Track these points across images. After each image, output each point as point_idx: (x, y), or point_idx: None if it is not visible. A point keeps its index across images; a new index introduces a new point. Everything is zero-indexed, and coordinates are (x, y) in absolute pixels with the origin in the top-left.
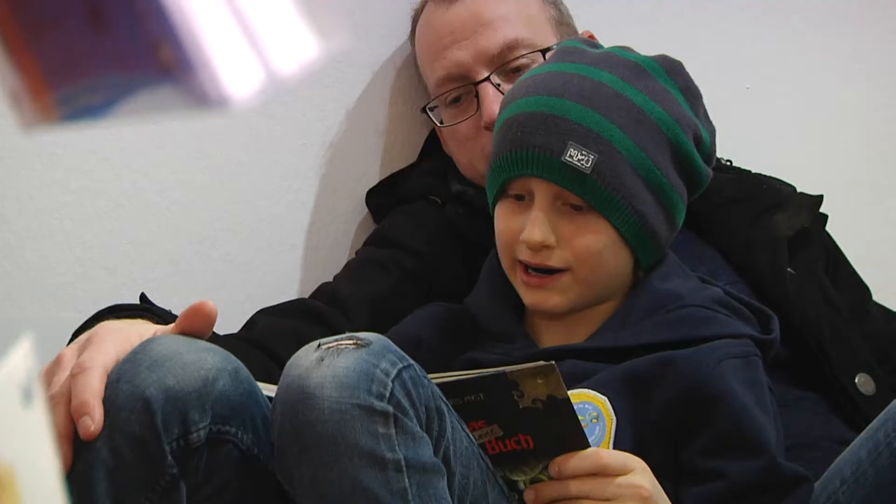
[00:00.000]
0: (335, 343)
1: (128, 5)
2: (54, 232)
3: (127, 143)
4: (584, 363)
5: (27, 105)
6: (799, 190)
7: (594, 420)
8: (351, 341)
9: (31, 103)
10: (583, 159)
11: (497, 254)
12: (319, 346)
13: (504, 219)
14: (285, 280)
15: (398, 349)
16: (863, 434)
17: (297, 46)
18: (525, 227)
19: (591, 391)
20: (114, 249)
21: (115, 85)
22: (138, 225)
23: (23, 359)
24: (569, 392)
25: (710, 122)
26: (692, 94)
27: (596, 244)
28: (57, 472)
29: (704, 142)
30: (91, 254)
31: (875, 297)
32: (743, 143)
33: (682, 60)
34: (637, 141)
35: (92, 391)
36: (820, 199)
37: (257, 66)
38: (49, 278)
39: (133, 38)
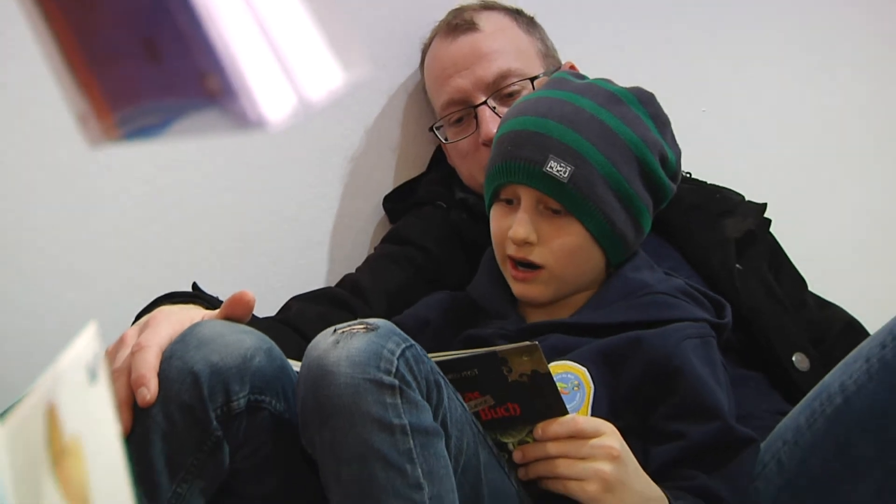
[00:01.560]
0: (349, 328)
1: (178, 39)
2: (121, 232)
3: (181, 158)
4: (567, 338)
5: (93, 125)
6: (747, 198)
7: (575, 388)
8: (362, 326)
9: (97, 124)
10: (561, 170)
11: (493, 249)
12: (335, 330)
13: (497, 219)
14: (314, 272)
15: (402, 332)
16: (801, 403)
17: (323, 75)
18: (513, 227)
19: (573, 363)
20: (170, 246)
21: (168, 108)
22: (192, 226)
23: (89, 342)
24: (553, 363)
25: (676, 145)
26: (661, 121)
27: (570, 243)
28: (118, 442)
29: (670, 161)
30: (151, 250)
31: (811, 288)
32: (700, 158)
33: (653, 91)
34: (608, 157)
35: (148, 366)
36: (764, 206)
37: (290, 92)
38: (116, 270)
39: (182, 67)
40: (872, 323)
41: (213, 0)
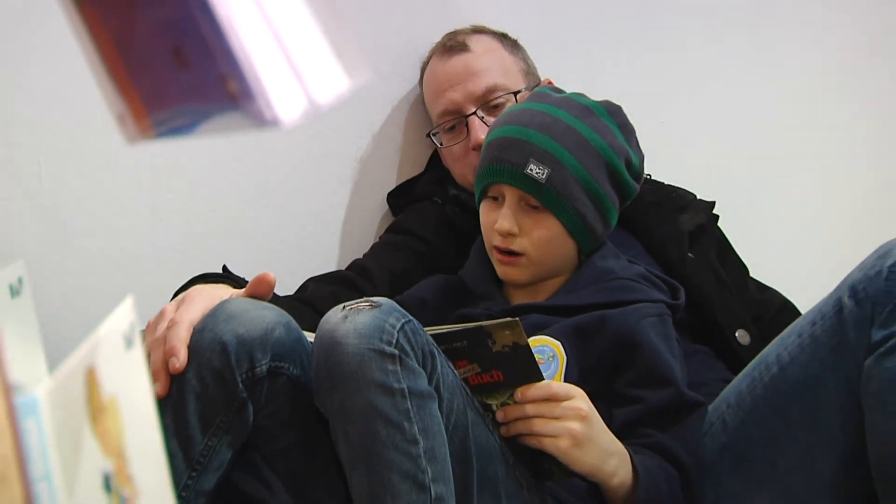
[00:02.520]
0: (356, 305)
1: (203, 48)
2: (162, 220)
3: (211, 157)
4: (544, 317)
5: (130, 125)
6: (698, 197)
7: (551, 358)
8: (367, 304)
9: (134, 124)
10: (540, 172)
11: (482, 240)
12: (344, 307)
13: (485, 214)
14: (327, 257)
15: (402, 309)
16: (743, 372)
17: (330, 81)
18: (498, 221)
19: (549, 337)
20: (204, 234)
21: (195, 111)
22: (222, 216)
23: (125, 313)
24: (531, 338)
25: (640, 150)
26: (627, 130)
27: (547, 234)
28: (151, 401)
29: (634, 165)
30: (185, 236)
31: (752, 274)
32: (658, 162)
33: (620, 104)
34: (581, 161)
35: (180, 339)
36: (713, 203)
37: (301, 95)
38: (154, 254)
39: (207, 74)
40: (804, 304)
41: (234, 12)
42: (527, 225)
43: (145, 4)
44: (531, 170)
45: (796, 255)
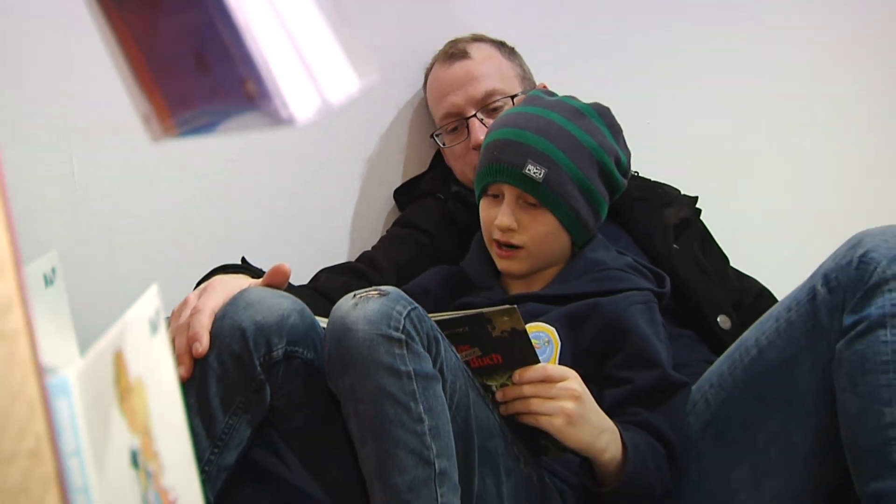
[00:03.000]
0: (365, 293)
1: (223, 52)
2: (185, 215)
3: (233, 157)
4: (540, 305)
5: (155, 125)
6: (682, 192)
7: (546, 343)
8: (376, 292)
9: (159, 124)
10: (537, 172)
11: (482, 233)
12: (355, 295)
13: (485, 210)
14: (338, 249)
15: (408, 297)
16: (724, 355)
17: (341, 83)
18: (499, 218)
19: (544, 324)
20: (224, 228)
21: (216, 112)
22: (241, 212)
23: (151, 301)
24: (528, 325)
25: (627, 149)
26: (615, 130)
27: (544, 230)
28: (175, 383)
29: (622, 162)
30: (208, 231)
31: (732, 264)
32: (646, 160)
33: (609, 106)
34: (574, 161)
35: (202, 326)
36: (696, 198)
37: (314, 95)
38: (178, 246)
39: (227, 76)
40: (780, 291)
41: (252, 18)
42: (525, 221)
43: (168, 11)
44: (529, 170)
45: (773, 245)
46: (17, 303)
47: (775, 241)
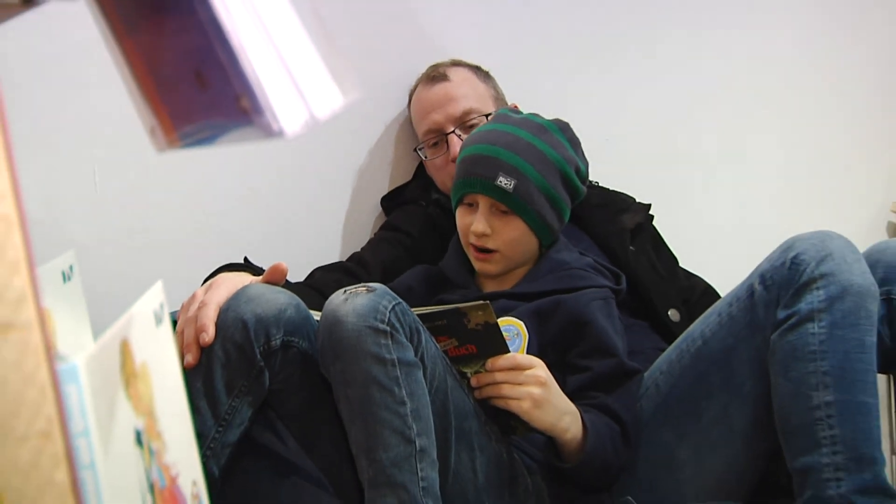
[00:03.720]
0: (355, 289)
1: (220, 71)
2: (194, 220)
3: (236, 168)
4: (510, 301)
5: (160, 137)
6: (637, 200)
7: (516, 335)
8: (364, 288)
9: (164, 136)
10: (507, 183)
11: (458, 237)
12: (345, 291)
13: (462, 218)
14: (330, 250)
15: (393, 293)
16: (673, 344)
17: (328, 100)
18: (474, 225)
19: (514, 318)
20: (228, 230)
21: (216, 126)
22: (244, 217)
23: (155, 295)
24: (499, 319)
25: (585, 159)
26: (574, 143)
27: (515, 234)
28: (178, 370)
29: (581, 171)
30: (214, 233)
31: (681, 264)
32: (604, 172)
33: (568, 122)
34: (540, 172)
35: (209, 318)
36: (649, 206)
37: (303, 110)
38: (186, 248)
39: (224, 93)
40: (723, 289)
41: (246, 40)
42: (497, 226)
43: (171, 34)
44: (500, 181)
45: (716, 248)
46: (31, 296)
47: (719, 244)
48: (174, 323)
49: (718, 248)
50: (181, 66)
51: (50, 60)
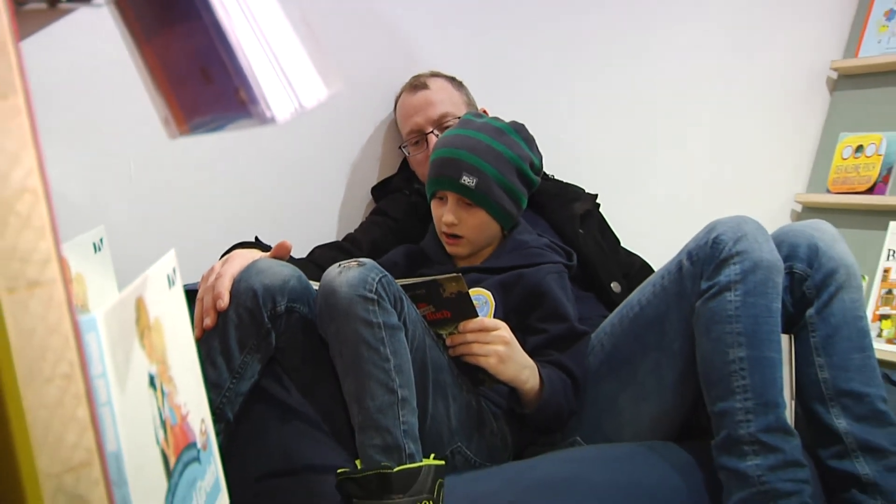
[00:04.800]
0: (348, 264)
1: (221, 68)
2: (214, 206)
3: (249, 161)
4: (479, 275)
5: (172, 126)
6: (587, 190)
7: (484, 304)
8: (356, 263)
9: (175, 126)
10: (470, 181)
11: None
12: (340, 265)
13: (435, 210)
14: (328, 231)
15: (380, 267)
16: (615, 311)
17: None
18: (445, 215)
19: (483, 289)
20: (241, 214)
21: (220, 117)
22: (255, 204)
23: (169, 261)
24: (469, 289)
25: (539, 154)
26: (529, 141)
27: (478, 222)
28: (188, 326)
29: (535, 165)
30: (230, 216)
31: (623, 244)
32: (559, 166)
33: (524, 123)
34: (498, 170)
35: (224, 287)
36: (596, 195)
37: (292, 99)
38: (206, 229)
39: (225, 86)
40: (657, 264)
41: (244, 41)
42: (463, 217)
43: (181, 37)
44: (464, 180)
45: (652, 230)
46: (55, 258)
47: (653, 226)
48: (195, 293)
49: (653, 231)
50: (189, 64)
51: (91, 71)
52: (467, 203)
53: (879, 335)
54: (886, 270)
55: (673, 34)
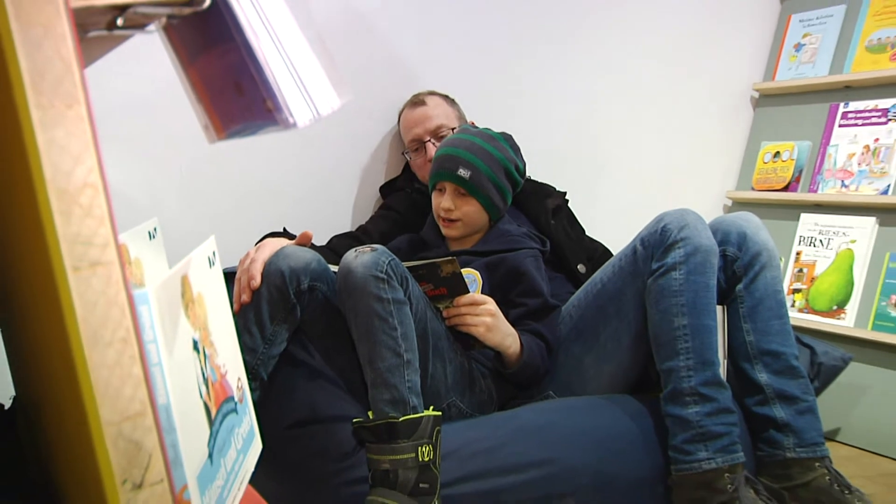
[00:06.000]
0: (362, 249)
1: (252, 82)
2: (249, 201)
3: (280, 166)
4: (470, 258)
5: (211, 132)
6: (558, 188)
7: (473, 282)
8: (369, 248)
9: (214, 132)
10: (465, 174)
11: (433, 215)
12: (355, 251)
13: (435, 199)
14: (343, 223)
15: (389, 251)
16: (581, 288)
17: (328, 101)
18: (443, 202)
19: (473, 269)
20: (271, 208)
21: (252, 126)
22: (283, 201)
23: (209, 245)
24: (463, 269)
25: (523, 160)
26: (515, 148)
27: (471, 209)
28: (225, 298)
29: (520, 168)
30: (262, 209)
31: (588, 234)
32: (536, 167)
33: (511, 133)
34: (489, 167)
35: (257, 270)
36: (565, 193)
37: (311, 108)
38: (242, 219)
39: (255, 97)
40: (615, 249)
41: (269, 58)
42: (459, 204)
43: (218, 56)
44: (460, 172)
45: (611, 221)
46: (112, 241)
47: (613, 218)
48: (234, 274)
49: (612, 221)
50: (225, 79)
51: (147, 89)
52: (462, 192)
53: (793, 305)
54: (798, 253)
55: (627, 65)
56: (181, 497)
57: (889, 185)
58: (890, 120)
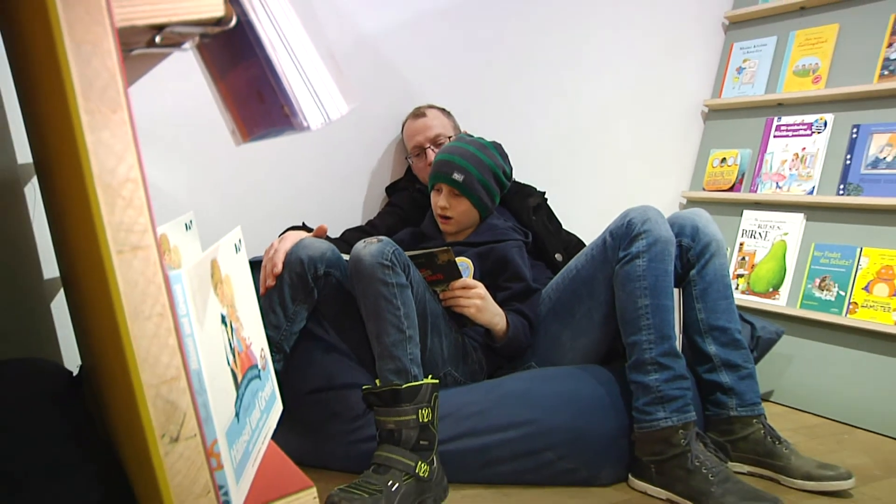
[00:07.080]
0: (370, 240)
1: (271, 91)
2: (271, 199)
3: (298, 169)
4: (464, 248)
5: (238, 136)
6: (538, 188)
7: (466, 269)
8: (376, 239)
9: (240, 137)
10: (459, 177)
11: (432, 211)
12: (364, 242)
13: (433, 198)
14: (354, 218)
15: (394, 242)
16: (558, 274)
17: (338, 107)
18: (440, 201)
19: (466, 258)
20: (292, 206)
21: (272, 131)
22: (301, 200)
23: (236, 233)
24: (457, 258)
25: (510, 165)
26: (503, 155)
27: (463, 209)
28: (250, 280)
29: (507, 173)
30: (282, 206)
31: (564, 227)
32: (520, 169)
33: (501, 142)
34: (480, 171)
35: (279, 259)
36: (544, 192)
37: (323, 113)
38: (267, 214)
39: (274, 104)
40: (588, 240)
41: (286, 70)
42: (453, 203)
43: (243, 69)
44: (455, 176)
45: (583, 216)
46: (150, 229)
47: (585, 214)
48: (260, 262)
49: (585, 216)
50: (249, 89)
51: (186, 100)
52: (456, 193)
53: (737, 288)
54: (741, 244)
55: (600, 86)
56: (212, 450)
57: (814, 187)
58: (814, 132)
